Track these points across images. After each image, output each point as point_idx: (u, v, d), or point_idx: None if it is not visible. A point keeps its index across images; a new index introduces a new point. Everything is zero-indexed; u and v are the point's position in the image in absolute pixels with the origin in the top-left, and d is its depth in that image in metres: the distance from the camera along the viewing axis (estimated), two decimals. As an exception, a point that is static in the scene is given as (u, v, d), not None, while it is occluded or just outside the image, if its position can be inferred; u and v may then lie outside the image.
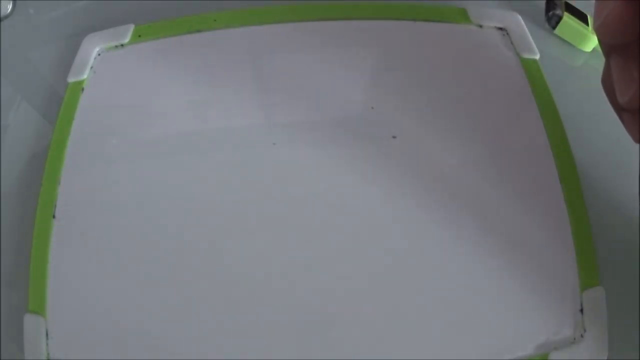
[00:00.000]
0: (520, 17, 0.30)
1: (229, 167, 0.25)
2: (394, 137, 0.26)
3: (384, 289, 0.23)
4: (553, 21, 0.31)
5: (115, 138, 0.26)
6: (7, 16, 0.25)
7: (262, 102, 0.27)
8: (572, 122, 0.27)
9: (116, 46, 0.29)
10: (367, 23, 0.30)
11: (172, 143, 0.26)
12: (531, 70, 0.28)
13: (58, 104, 0.27)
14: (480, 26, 0.30)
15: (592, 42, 0.30)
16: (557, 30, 0.31)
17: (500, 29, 0.30)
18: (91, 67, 0.29)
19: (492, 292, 0.22)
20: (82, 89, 0.28)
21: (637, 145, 0.20)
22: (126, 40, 0.29)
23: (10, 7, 0.25)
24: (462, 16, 0.30)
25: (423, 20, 0.30)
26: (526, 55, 0.29)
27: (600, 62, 0.30)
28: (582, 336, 0.22)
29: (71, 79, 0.28)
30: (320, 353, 0.21)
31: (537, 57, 0.29)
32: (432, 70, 0.28)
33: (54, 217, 0.24)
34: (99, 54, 0.29)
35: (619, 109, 0.20)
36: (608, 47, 0.19)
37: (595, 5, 0.18)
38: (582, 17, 0.31)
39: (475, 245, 0.23)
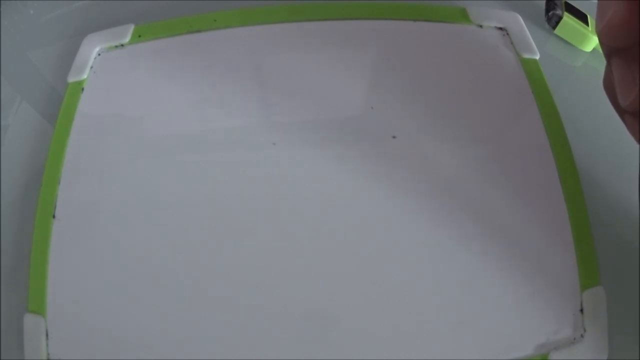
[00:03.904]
0: (520, 17, 0.30)
1: (229, 167, 0.25)
2: (394, 137, 0.26)
3: (384, 289, 0.23)
4: (553, 21, 0.31)
5: (115, 138, 0.26)
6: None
7: (262, 102, 0.27)
8: (572, 122, 0.27)
9: (116, 46, 0.29)
10: (367, 23, 0.30)
11: (172, 143, 0.26)
12: (531, 70, 0.28)
13: (58, 104, 0.27)
14: (480, 26, 0.30)
15: (592, 42, 0.30)
16: (557, 30, 0.31)
17: (500, 29, 0.30)
18: (91, 67, 0.29)
19: (492, 292, 0.22)
20: (82, 89, 0.28)
21: (637, 145, 0.20)
22: (126, 40, 0.29)
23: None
24: (462, 16, 0.30)
25: (423, 20, 0.30)
26: (526, 55, 0.29)
27: (600, 62, 0.30)
28: (582, 336, 0.22)
29: (71, 79, 0.28)
30: (321, 353, 0.21)
31: (537, 57, 0.29)
32: (432, 70, 0.28)
33: (54, 217, 0.24)
34: (99, 54, 0.29)
35: (621, 111, 0.20)
36: (609, 49, 0.19)
37: (598, 7, 0.18)
38: (582, 17, 0.31)
39: (475, 245, 0.23)
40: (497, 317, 0.22)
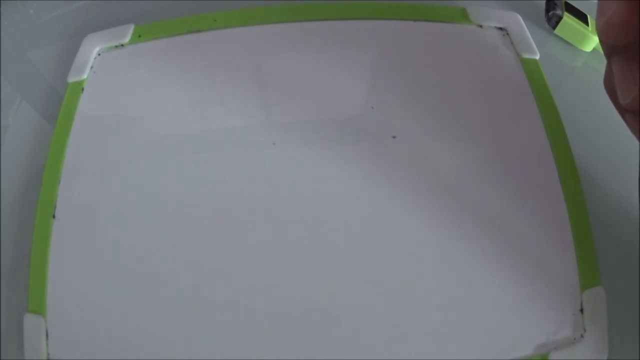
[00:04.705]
0: (520, 17, 0.30)
1: (229, 167, 0.25)
2: (394, 137, 0.26)
3: (384, 289, 0.23)
4: (553, 21, 0.31)
5: (115, 138, 0.26)
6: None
7: (262, 102, 0.27)
8: (572, 122, 0.27)
9: (116, 46, 0.29)
10: (367, 23, 0.30)
11: (172, 143, 0.26)
12: (531, 70, 0.28)
13: (58, 104, 0.27)
14: (480, 26, 0.30)
15: (592, 42, 0.30)
16: (557, 30, 0.31)
17: (500, 29, 0.30)
18: (91, 67, 0.29)
19: (492, 292, 0.22)
20: (82, 89, 0.28)
21: (637, 145, 0.20)
22: (126, 40, 0.29)
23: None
24: (462, 16, 0.30)
25: (423, 20, 0.30)
26: (526, 55, 0.29)
27: (600, 62, 0.30)
28: (582, 336, 0.22)
29: (71, 79, 0.28)
30: (321, 353, 0.21)
31: (537, 57, 0.29)
32: (432, 70, 0.28)
33: (54, 217, 0.24)
34: (99, 54, 0.29)
35: (622, 110, 0.20)
36: (610, 48, 0.19)
37: (598, 6, 0.18)
38: (582, 17, 0.31)
39: (475, 245, 0.23)
40: (497, 317, 0.22)
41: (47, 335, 0.22)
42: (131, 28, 0.30)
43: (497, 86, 0.28)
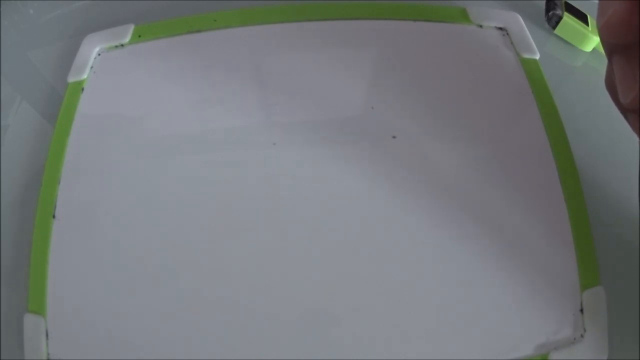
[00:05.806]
0: (520, 17, 0.30)
1: (229, 167, 0.25)
2: (394, 137, 0.26)
3: (384, 289, 0.23)
4: (553, 21, 0.31)
5: (115, 138, 0.26)
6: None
7: (262, 102, 0.27)
8: (572, 122, 0.27)
9: (116, 46, 0.29)
10: (367, 23, 0.30)
11: (171, 143, 0.26)
12: (531, 70, 0.28)
13: (58, 104, 0.27)
14: (480, 26, 0.30)
15: (592, 42, 0.30)
16: (557, 30, 0.31)
17: (500, 29, 0.30)
18: (91, 67, 0.29)
19: (492, 292, 0.22)
20: (82, 89, 0.28)
21: (637, 145, 0.20)
22: (126, 40, 0.29)
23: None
24: (462, 16, 0.30)
25: (423, 20, 0.30)
26: (526, 55, 0.29)
27: (600, 62, 0.30)
28: (582, 336, 0.22)
29: (71, 79, 0.28)
30: (321, 353, 0.21)
31: (537, 57, 0.29)
32: (432, 70, 0.28)
33: (54, 217, 0.24)
34: (99, 54, 0.29)
35: (623, 110, 0.20)
36: (610, 47, 0.19)
37: (599, 5, 0.18)
38: (582, 17, 0.31)
39: (475, 245, 0.23)
40: (497, 317, 0.22)
41: (47, 335, 0.22)
42: (131, 28, 0.30)
43: (497, 86, 0.28)
